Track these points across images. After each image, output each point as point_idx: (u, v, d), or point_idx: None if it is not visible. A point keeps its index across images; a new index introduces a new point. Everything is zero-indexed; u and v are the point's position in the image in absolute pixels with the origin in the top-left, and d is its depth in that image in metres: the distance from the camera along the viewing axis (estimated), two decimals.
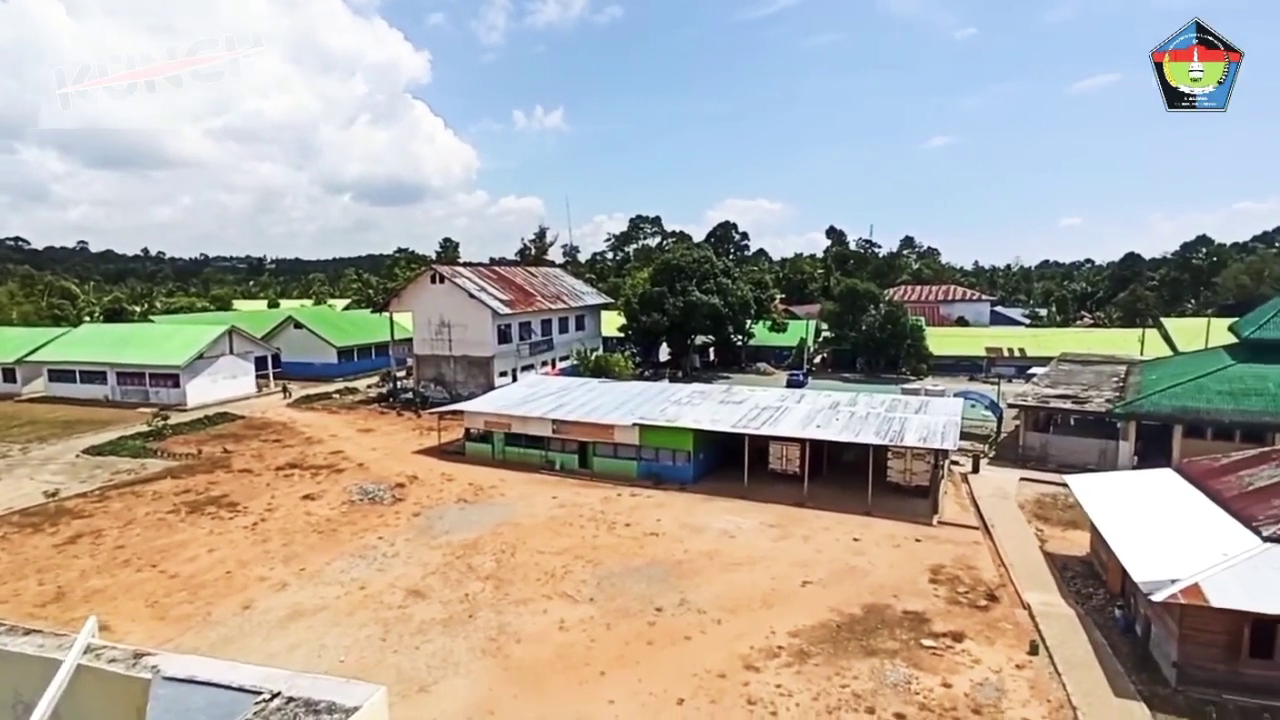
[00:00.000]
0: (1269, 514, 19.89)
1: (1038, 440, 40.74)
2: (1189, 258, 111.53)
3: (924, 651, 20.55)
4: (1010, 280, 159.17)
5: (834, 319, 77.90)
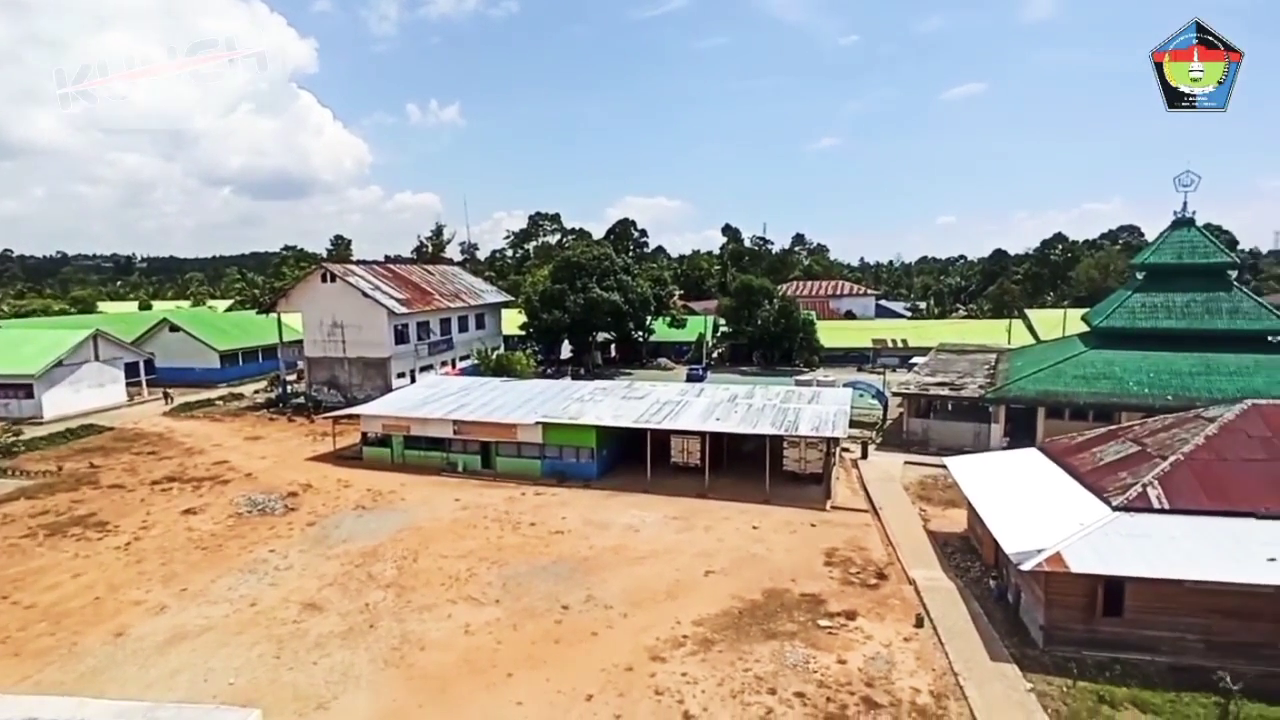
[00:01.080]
0: (1117, 486, 21.87)
1: (920, 425, 43.17)
2: (1048, 254, 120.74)
3: (820, 631, 21.42)
4: (893, 275, 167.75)
5: (731, 314, 79.76)
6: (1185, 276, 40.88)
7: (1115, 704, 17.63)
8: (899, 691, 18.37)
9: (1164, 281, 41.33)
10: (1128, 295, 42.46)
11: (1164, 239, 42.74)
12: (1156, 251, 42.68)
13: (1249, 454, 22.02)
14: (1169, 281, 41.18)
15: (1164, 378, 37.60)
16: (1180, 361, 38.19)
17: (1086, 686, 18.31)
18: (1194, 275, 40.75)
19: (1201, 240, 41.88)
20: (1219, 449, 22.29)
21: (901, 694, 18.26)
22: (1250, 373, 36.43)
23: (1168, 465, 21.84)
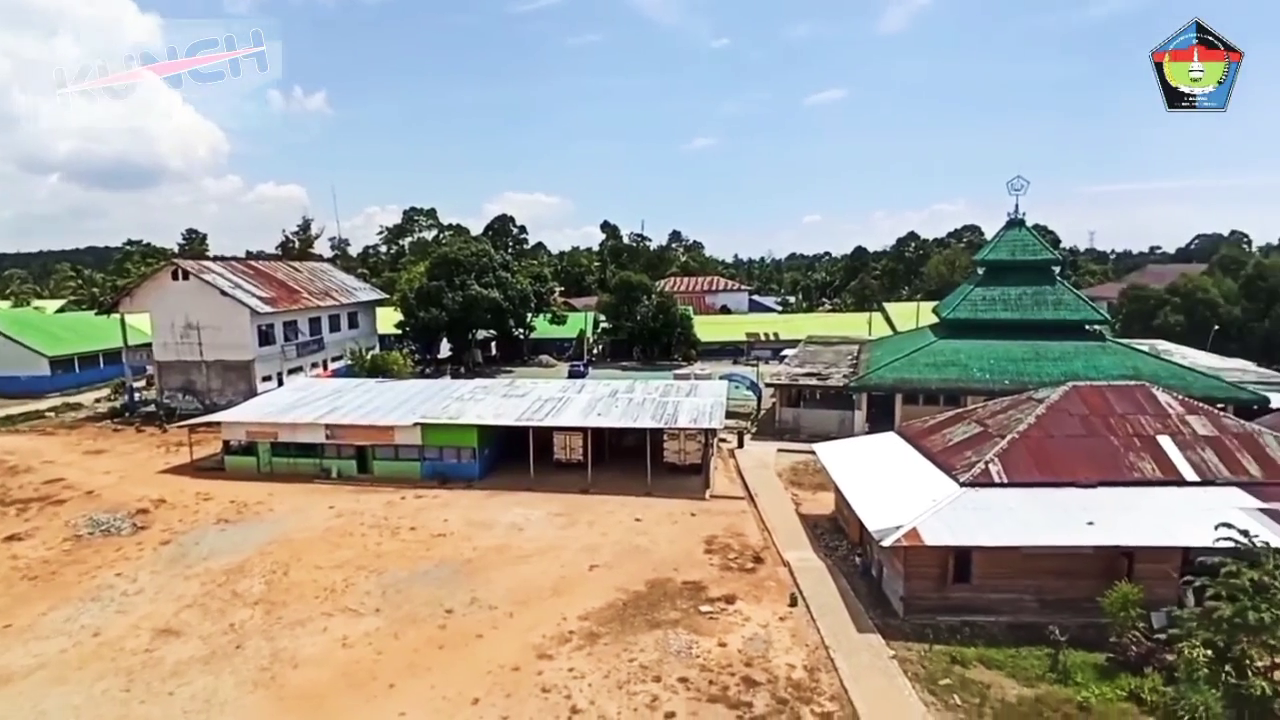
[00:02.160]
0: (963, 464, 23.79)
1: (791, 414, 45.15)
2: (903, 251, 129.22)
3: (702, 617, 22.01)
4: (765, 271, 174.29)
5: (611, 310, 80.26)
6: (1018, 272, 44.93)
7: (965, 663, 19.19)
8: (776, 669, 19.19)
9: (1000, 276, 45.25)
10: (970, 289, 46.19)
11: (1000, 238, 46.83)
12: (994, 249, 46.70)
13: (1071, 431, 24.55)
14: (1004, 276, 45.12)
15: (1002, 364, 41.18)
16: (1015, 349, 41.95)
17: (941, 649, 19.83)
18: (1025, 271, 44.87)
19: (1031, 239, 46.19)
20: (1047, 427, 24.70)
21: (778, 671, 19.08)
22: (1071, 358, 40.53)
23: (1005, 444, 23.98)
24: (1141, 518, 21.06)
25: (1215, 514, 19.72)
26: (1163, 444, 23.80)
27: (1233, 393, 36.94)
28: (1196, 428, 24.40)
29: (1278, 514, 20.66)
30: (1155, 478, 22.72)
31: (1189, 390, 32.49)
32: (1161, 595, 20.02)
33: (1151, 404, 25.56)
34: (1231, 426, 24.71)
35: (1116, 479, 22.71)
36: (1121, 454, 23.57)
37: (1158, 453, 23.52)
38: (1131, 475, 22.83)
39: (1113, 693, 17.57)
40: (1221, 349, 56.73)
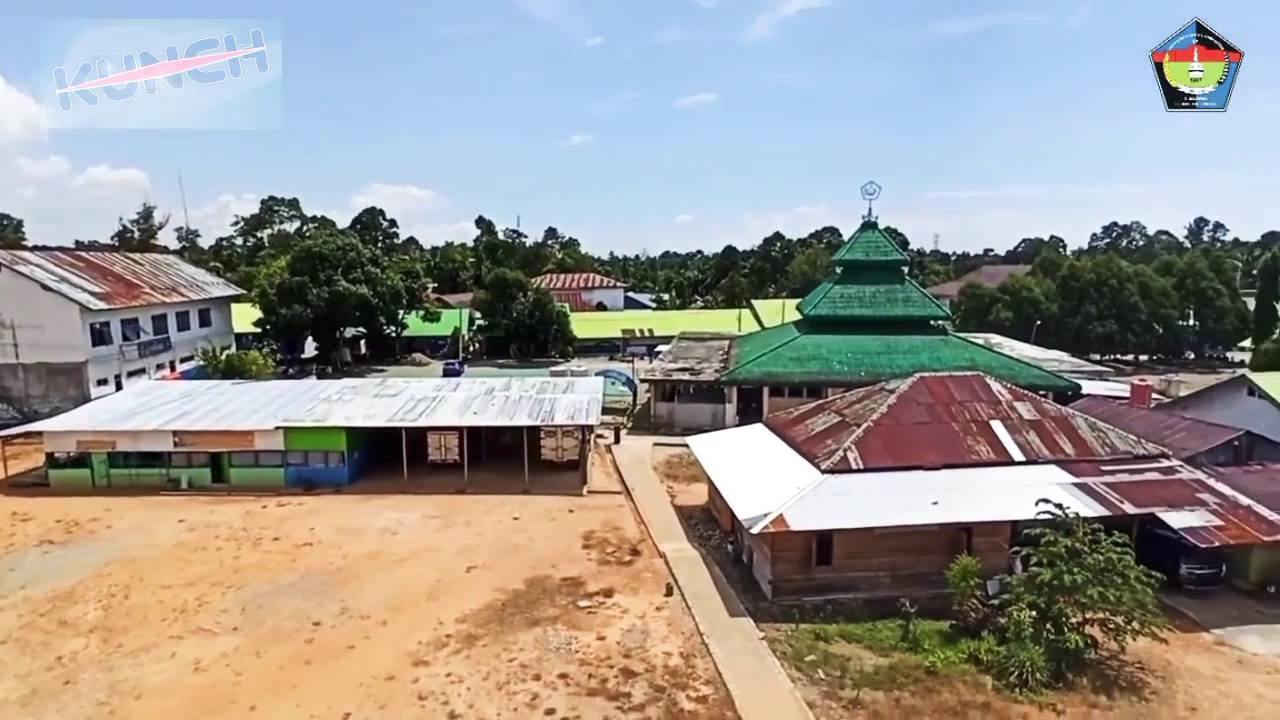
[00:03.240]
0: (824, 452, 25.14)
1: (665, 409, 46.02)
2: (769, 250, 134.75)
3: (581, 612, 22.04)
4: (640, 269, 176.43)
5: (486, 307, 78.71)
6: (872, 271, 47.96)
7: (828, 639, 20.31)
8: (653, 658, 19.53)
9: (856, 275, 48.13)
10: (830, 287, 48.85)
11: (855, 239, 49.80)
12: (850, 250, 49.59)
13: (918, 418, 26.50)
14: (860, 275, 48.03)
15: (859, 357, 43.83)
16: (870, 343, 44.75)
17: (806, 628, 20.88)
18: (878, 270, 47.96)
19: (883, 241, 49.43)
20: (898, 415, 26.53)
21: (655, 660, 19.43)
22: (919, 351, 43.73)
23: (861, 432, 25.55)
24: (978, 496, 23.08)
25: (1037, 490, 21.96)
26: (995, 428, 26.17)
27: (1052, 381, 41.16)
28: (1022, 413, 26.99)
29: (1087, 487, 23.27)
30: (989, 459, 24.96)
31: (1016, 379, 35.81)
32: (995, 565, 22.03)
33: (986, 392, 28.01)
34: (1050, 411, 27.54)
35: (957, 461, 24.76)
36: (961, 438, 25.72)
37: (991, 436, 25.84)
38: (970, 457, 24.96)
39: (955, 656, 19.15)
40: (1043, 341, 63.13)
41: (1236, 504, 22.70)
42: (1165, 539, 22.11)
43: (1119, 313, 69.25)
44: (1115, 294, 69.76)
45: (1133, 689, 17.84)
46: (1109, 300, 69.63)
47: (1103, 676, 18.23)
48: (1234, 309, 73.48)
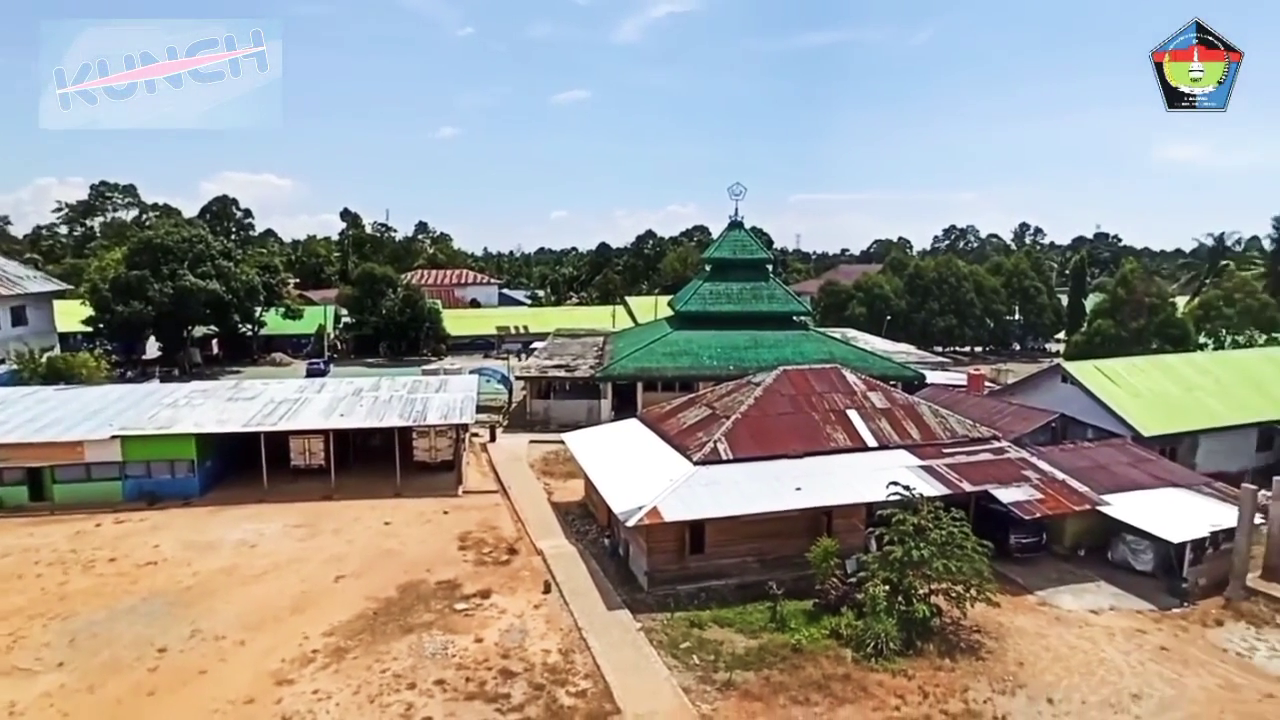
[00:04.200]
0: (696, 444, 25.77)
1: (541, 406, 45.62)
2: (642, 248, 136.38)
3: (458, 615, 21.44)
4: (514, 265, 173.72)
5: (354, 304, 74.97)
6: (738, 269, 49.66)
7: (702, 625, 20.86)
8: (532, 656, 19.31)
9: (725, 273, 49.67)
10: (700, 284, 50.14)
11: (723, 238, 51.38)
12: (718, 248, 51.10)
13: (782, 409, 27.69)
14: (728, 273, 49.61)
15: (728, 351, 45.28)
16: (738, 338, 46.35)
17: (681, 616, 21.33)
18: (744, 268, 49.73)
19: (749, 240, 51.28)
20: (763, 407, 27.60)
21: (534, 658, 19.22)
22: (782, 345, 45.75)
23: (730, 424, 26.38)
24: (837, 481, 24.44)
25: (888, 473, 23.54)
26: (851, 417, 27.79)
27: (901, 371, 44.26)
28: (875, 402, 28.82)
29: (931, 469, 25.20)
30: (846, 445, 26.48)
31: (870, 370, 38.23)
32: (853, 544, 23.42)
33: (842, 383, 29.68)
34: (899, 399, 29.58)
35: (818, 449, 26.09)
36: (821, 427, 27.12)
37: (848, 424, 27.42)
38: (829, 445, 26.38)
39: (819, 633, 20.21)
40: (893, 335, 67.73)
41: (1054, 479, 25.33)
42: (996, 512, 24.36)
43: (957, 308, 75.50)
44: (954, 291, 75.99)
45: (971, 650, 19.52)
46: (949, 297, 75.75)
47: (947, 641, 19.82)
48: (1051, 305, 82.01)
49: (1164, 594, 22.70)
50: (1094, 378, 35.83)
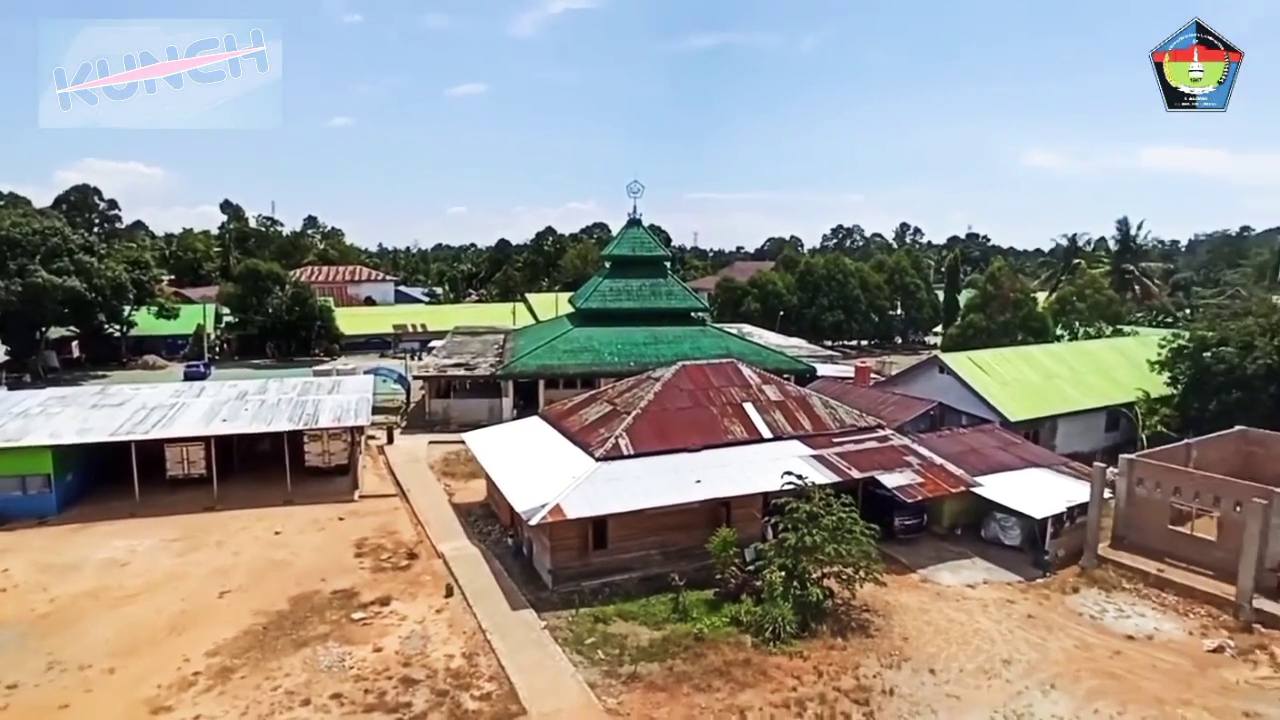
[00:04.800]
0: (598, 440, 25.79)
1: (441, 405, 44.40)
2: (542, 244, 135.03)
3: (355, 625, 20.58)
4: (411, 261, 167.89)
5: (237, 302, 70.44)
6: (638, 266, 50.00)
7: (607, 620, 20.92)
8: (434, 662, 18.80)
9: (624, 270, 49.90)
10: (600, 281, 50.17)
11: (622, 235, 51.59)
12: (618, 245, 51.29)
13: (681, 404, 28.11)
14: (627, 270, 49.87)
15: (628, 348, 45.53)
16: (638, 334, 46.69)
17: (586, 612, 21.32)
18: (643, 265, 50.13)
19: (648, 237, 51.71)
20: (663, 402, 27.92)
21: (437, 664, 18.72)
22: (681, 340, 46.44)
23: (631, 419, 26.54)
24: (735, 472, 25.05)
25: (783, 463, 24.39)
26: (747, 409, 28.55)
27: (794, 365, 45.86)
28: (770, 394, 29.73)
29: (822, 458, 26.25)
30: (743, 438, 27.18)
31: (764, 364, 39.37)
32: (751, 534, 24.08)
33: (739, 377, 30.45)
34: (792, 392, 30.65)
35: (716, 441, 26.65)
36: (719, 420, 27.72)
37: (744, 417, 28.15)
38: (726, 437, 26.99)
39: (720, 620, 20.68)
40: (786, 330, 69.97)
41: (933, 463, 26.95)
42: (882, 497, 25.67)
43: (845, 304, 78.87)
44: (842, 288, 79.36)
45: (862, 629, 20.51)
46: (837, 293, 79.03)
47: (839, 621, 20.74)
48: (929, 300, 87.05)
49: (1029, 566, 24.62)
50: (967, 368, 38.39)
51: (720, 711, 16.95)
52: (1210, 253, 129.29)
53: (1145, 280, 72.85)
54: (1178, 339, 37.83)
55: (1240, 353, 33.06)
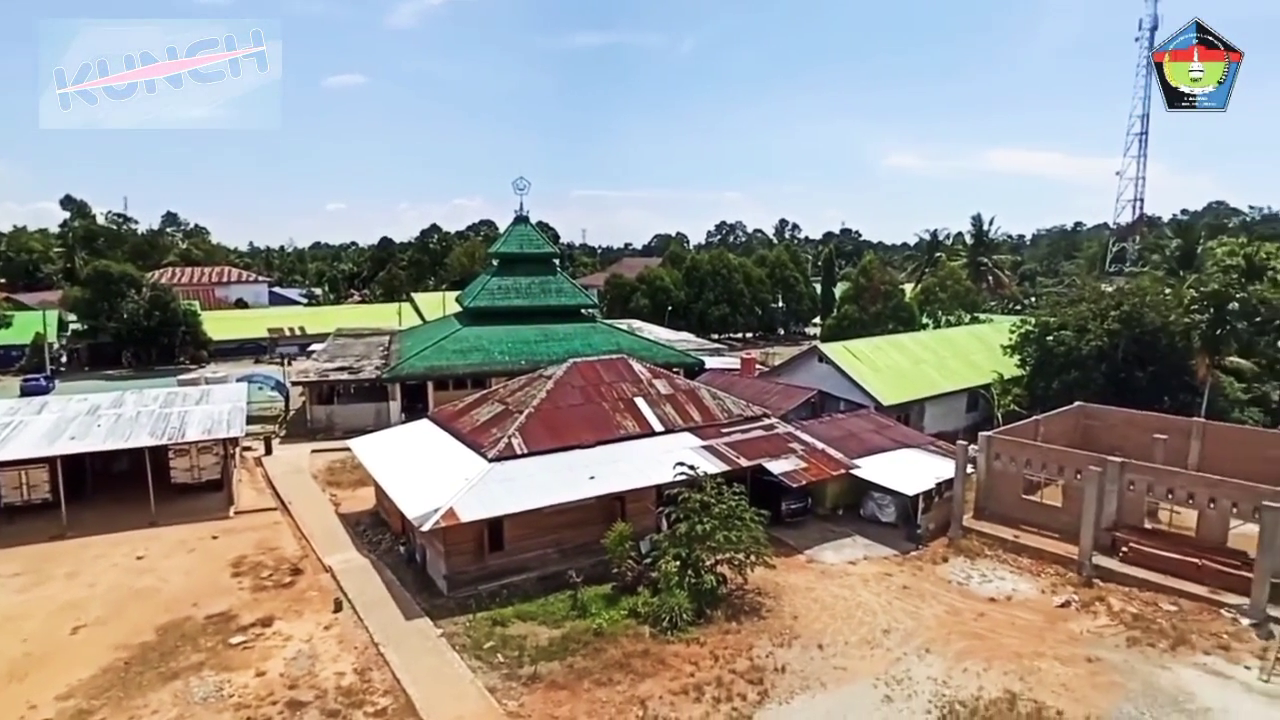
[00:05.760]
0: (490, 441, 25.30)
1: (324, 412, 42.17)
2: (427, 242, 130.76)
3: (234, 650, 19.23)
4: (286, 261, 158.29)
5: (85, 308, 64.03)
6: (526, 263, 49.35)
7: (505, 622, 20.56)
8: (324, 681, 17.88)
9: (513, 268, 49.12)
10: (488, 279, 49.16)
11: (510, 233, 50.75)
12: (505, 243, 50.42)
13: (574, 400, 28.03)
14: (516, 268, 49.12)
15: (519, 346, 44.88)
16: (529, 332, 46.10)
17: (484, 615, 20.87)
18: (532, 262, 49.53)
19: (535, 234, 51.12)
20: (556, 399, 27.74)
21: (326, 683, 17.81)
22: (572, 338, 46.25)
23: (524, 418, 26.20)
24: (628, 466, 25.24)
25: (675, 455, 24.81)
26: (639, 404, 28.83)
27: (682, 359, 46.69)
28: (660, 388, 30.15)
29: (713, 448, 26.90)
30: (635, 432, 27.43)
31: (654, 359, 39.93)
32: (646, 526, 24.37)
33: (629, 372, 30.68)
34: (682, 385, 31.22)
35: (609, 437, 26.76)
36: (611, 415, 27.84)
37: (636, 411, 28.41)
38: (619, 432, 27.15)
39: (618, 614, 20.78)
40: (674, 325, 71.25)
41: (815, 449, 28.20)
42: (769, 483, 26.60)
43: (730, 298, 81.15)
44: (727, 282, 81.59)
45: (754, 611, 21.18)
46: (723, 288, 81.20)
47: (733, 606, 21.33)
48: (808, 293, 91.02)
49: (904, 540, 26.26)
50: (844, 357, 40.44)
51: (621, 704, 17.05)
52: (1050, 246, 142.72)
53: (997, 271, 79.05)
54: (1025, 325, 41.36)
55: (1076, 335, 36.56)
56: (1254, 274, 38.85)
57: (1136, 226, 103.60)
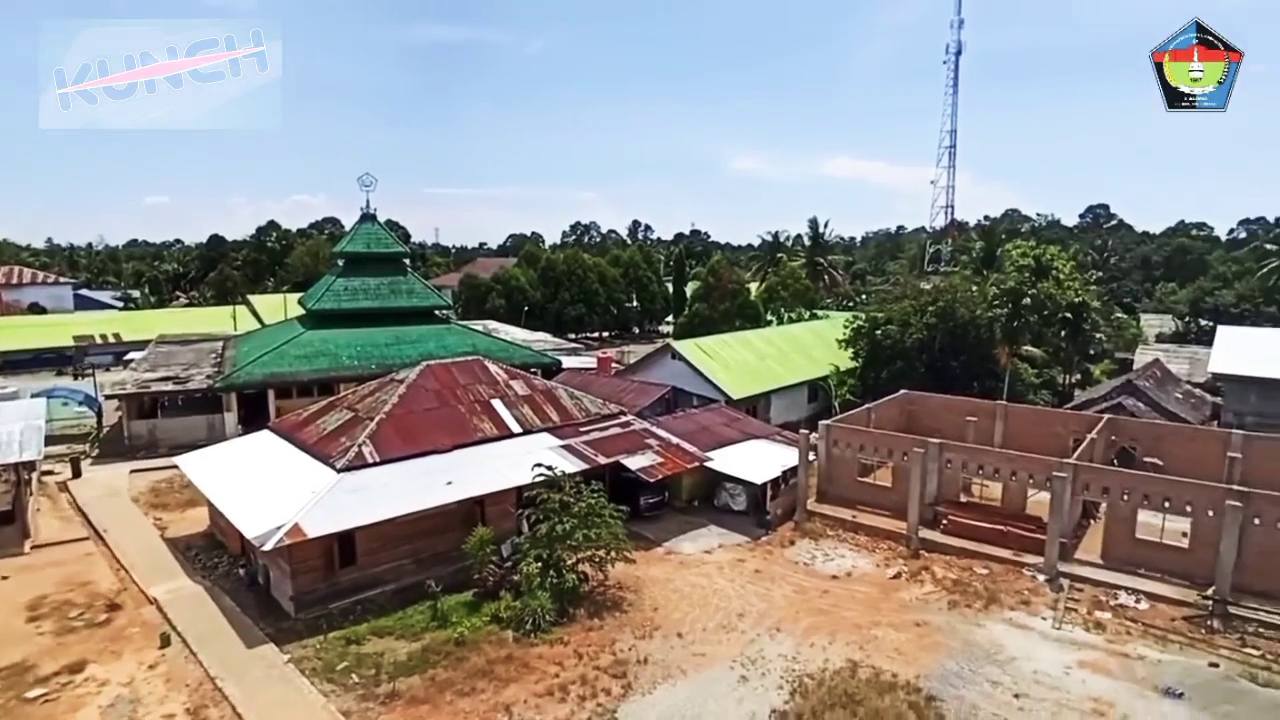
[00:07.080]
0: (339, 450, 23.78)
1: (145, 427, 37.77)
2: (264, 241, 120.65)
3: (31, 705, 16.78)
4: (95, 261, 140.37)
5: None
6: (374, 263, 46.80)
7: (360, 640, 19.42)
8: None
9: (360, 268, 46.40)
10: (334, 280, 46.13)
11: (356, 231, 47.90)
12: (351, 241, 47.53)
13: (428, 404, 26.96)
14: (364, 268, 46.44)
15: (369, 350, 42.50)
16: (379, 335, 43.77)
17: (336, 635, 19.60)
18: (381, 262, 47.04)
19: (384, 233, 48.58)
20: (409, 404, 26.55)
21: None
22: (426, 340, 44.45)
23: (375, 425, 24.85)
24: (487, 470, 24.62)
25: (534, 456, 24.48)
26: (496, 406, 28.21)
27: (539, 359, 46.20)
28: (518, 389, 29.67)
29: (571, 448, 26.84)
30: (493, 434, 26.81)
31: (511, 360, 39.22)
32: (507, 529, 23.90)
33: (486, 374, 29.95)
34: (539, 385, 30.89)
35: (466, 440, 25.97)
36: (468, 419, 27.04)
37: (493, 413, 27.77)
38: (476, 435, 26.42)
39: (480, 621, 20.23)
40: (531, 325, 70.46)
41: (670, 443, 28.87)
42: (628, 479, 26.94)
43: (586, 298, 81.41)
44: (582, 282, 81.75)
45: (616, 606, 21.36)
46: (578, 287, 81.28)
47: (595, 603, 21.39)
48: (661, 292, 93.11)
49: (755, 527, 27.52)
50: (695, 353, 41.73)
51: (485, 712, 16.61)
52: (878, 247, 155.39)
53: (832, 271, 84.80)
54: (857, 320, 44.64)
55: (900, 330, 39.97)
56: (1042, 273, 44.17)
57: (949, 230, 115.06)
